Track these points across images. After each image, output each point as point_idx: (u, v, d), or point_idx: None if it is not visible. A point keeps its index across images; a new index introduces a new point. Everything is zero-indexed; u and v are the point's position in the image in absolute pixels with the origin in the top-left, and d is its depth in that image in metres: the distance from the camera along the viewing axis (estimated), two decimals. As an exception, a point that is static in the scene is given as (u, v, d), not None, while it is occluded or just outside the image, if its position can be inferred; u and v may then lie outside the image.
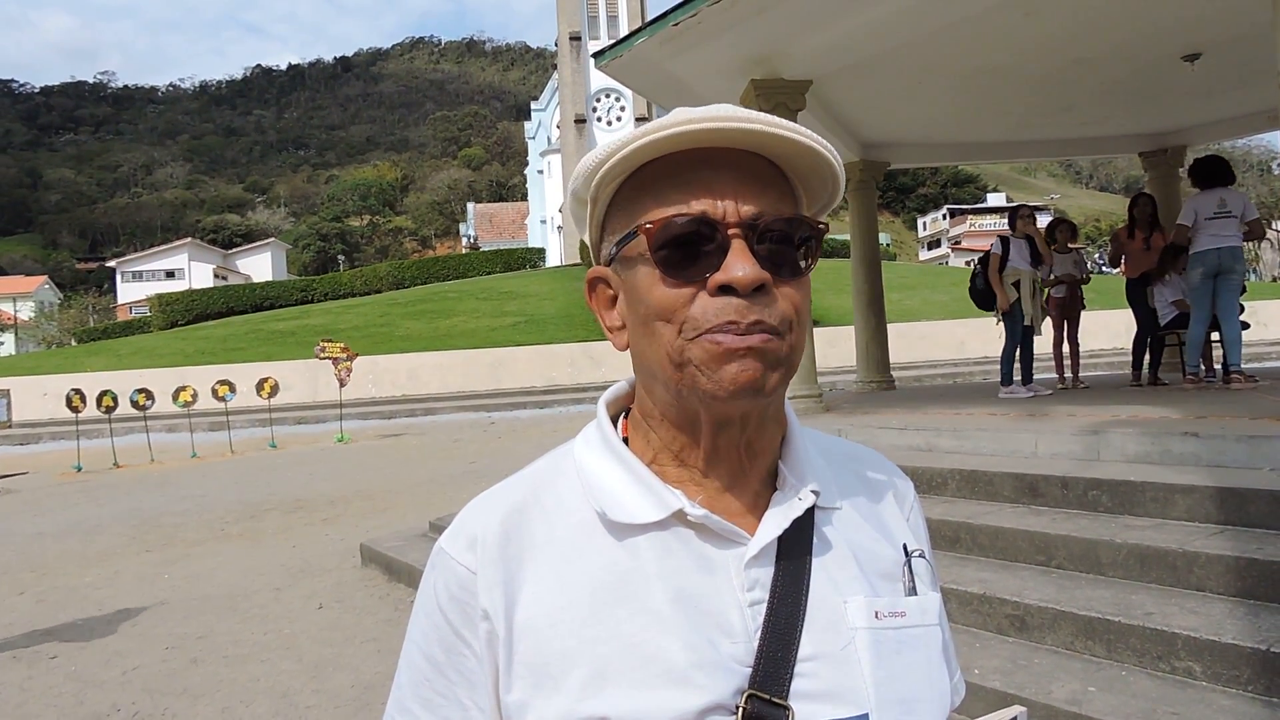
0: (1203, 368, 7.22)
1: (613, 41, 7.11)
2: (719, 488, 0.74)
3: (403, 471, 11.81)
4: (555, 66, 57.60)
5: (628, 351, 0.76)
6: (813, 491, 0.74)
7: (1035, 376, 7.72)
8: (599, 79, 49.91)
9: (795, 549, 0.72)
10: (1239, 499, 3.64)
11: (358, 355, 18.78)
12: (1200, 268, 6.57)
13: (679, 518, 0.72)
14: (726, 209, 0.68)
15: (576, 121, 51.30)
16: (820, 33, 6.34)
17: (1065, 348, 8.31)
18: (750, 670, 0.67)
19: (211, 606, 5.74)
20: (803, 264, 0.71)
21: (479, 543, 0.73)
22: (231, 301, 42.20)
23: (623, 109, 52.36)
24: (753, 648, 0.68)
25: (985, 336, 24.50)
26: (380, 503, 9.33)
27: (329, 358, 17.55)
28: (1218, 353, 7.40)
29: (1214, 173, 6.69)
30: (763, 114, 0.69)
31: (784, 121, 0.69)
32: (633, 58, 6.96)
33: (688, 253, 0.68)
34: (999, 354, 7.73)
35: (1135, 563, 3.53)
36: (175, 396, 16.34)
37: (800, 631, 0.69)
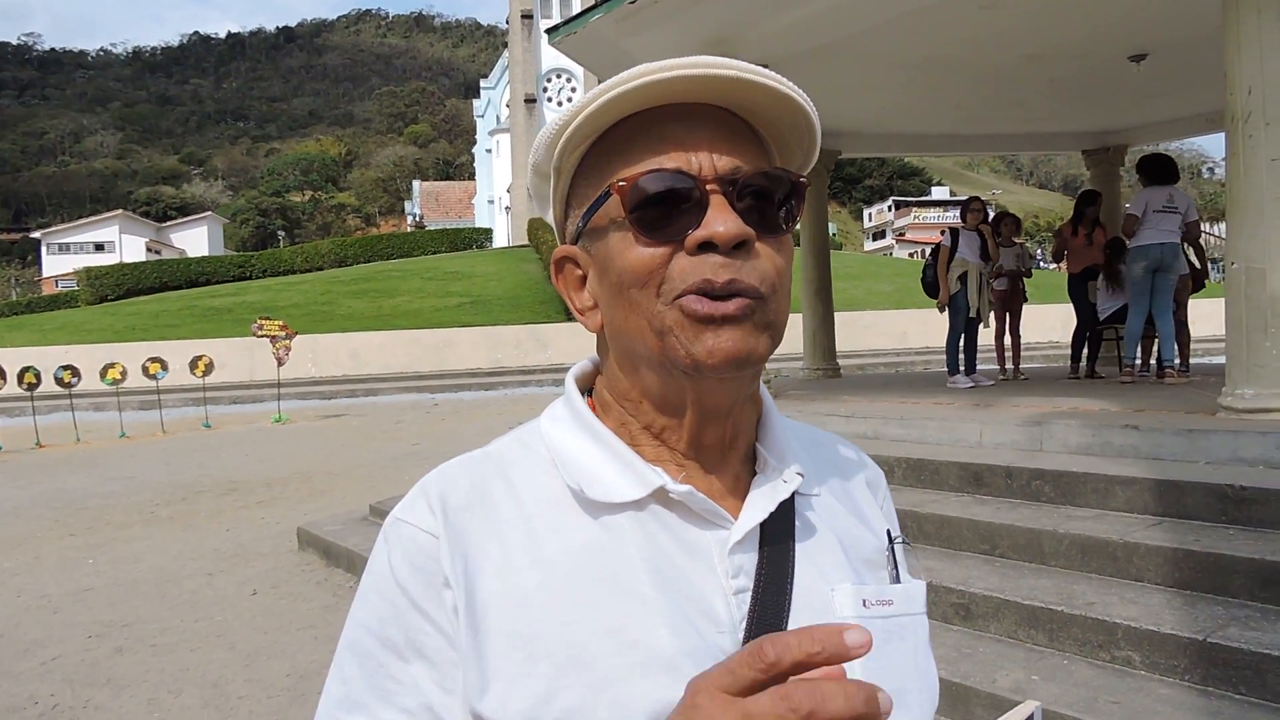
0: (1139, 361, 7.40)
1: (568, 18, 6.97)
2: (699, 469, 0.70)
3: (342, 453, 11.56)
4: (506, 44, 56.85)
5: (589, 336, 0.70)
6: (797, 474, 0.69)
7: (978, 367, 7.85)
8: (550, 58, 49.43)
9: (779, 534, 0.68)
10: (1176, 491, 3.71)
11: (297, 334, 18.31)
12: (1143, 261, 6.71)
13: (659, 497, 0.66)
14: (703, 164, 0.64)
15: (526, 101, 50.74)
16: (778, 16, 6.30)
17: (1007, 339, 8.47)
18: None
19: (139, 593, 5.53)
20: (784, 223, 0.67)
21: (441, 507, 0.67)
22: (165, 276, 40.86)
23: (574, 90, 51.90)
24: (738, 639, 0.63)
25: (927, 327, 24.93)
26: (319, 485, 9.12)
27: (267, 336, 17.06)
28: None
29: (1165, 169, 6.81)
30: (737, 61, 0.64)
31: (760, 69, 0.64)
32: (587, 35, 6.84)
33: (664, 211, 0.63)
34: (943, 344, 7.86)
35: (1077, 553, 3.58)
36: (103, 374, 15.74)
37: (787, 622, 0.64)
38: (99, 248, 61.65)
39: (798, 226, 0.68)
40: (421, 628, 0.65)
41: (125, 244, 61.86)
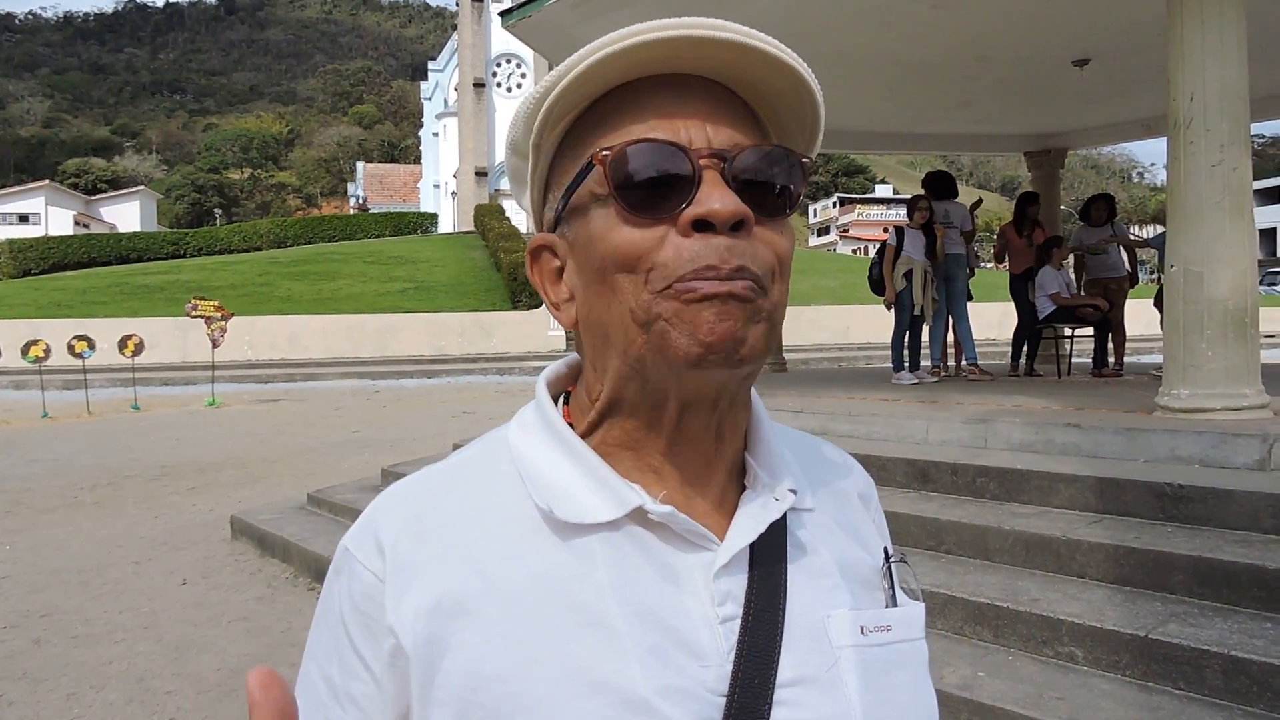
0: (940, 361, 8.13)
1: (521, 1, 6.84)
2: (682, 481, 0.63)
3: (279, 439, 11.27)
4: (455, 26, 55.96)
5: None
6: (790, 491, 0.64)
7: (921, 364, 7.96)
8: (500, 43, 48.80)
9: (770, 556, 0.62)
10: (1117, 489, 3.78)
11: (233, 315, 17.80)
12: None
13: (637, 517, 0.60)
14: (695, 136, 0.58)
15: (475, 85, 50.01)
16: (734, 9, 6.26)
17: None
18: (724, 699, 0.56)
19: (60, 581, 5.29)
20: (785, 205, 0.61)
21: (391, 544, 0.61)
22: (94, 251, 39.50)
23: (524, 76, 51.34)
24: (726, 672, 0.57)
25: (869, 323, 25.31)
26: (254, 471, 8.85)
27: (201, 316, 16.55)
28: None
29: (946, 186, 7.75)
30: (738, 25, 0.58)
31: (763, 35, 0.59)
32: (541, 19, 6.72)
33: (653, 186, 0.57)
34: (885, 340, 7.97)
35: (1021, 549, 3.62)
36: (25, 351, 15.12)
37: (779, 652, 0.58)
38: (23, 219, 59.14)
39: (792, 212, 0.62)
40: (357, 672, 0.60)
41: (51, 216, 59.37)
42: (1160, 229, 7.95)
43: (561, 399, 0.68)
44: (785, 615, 0.60)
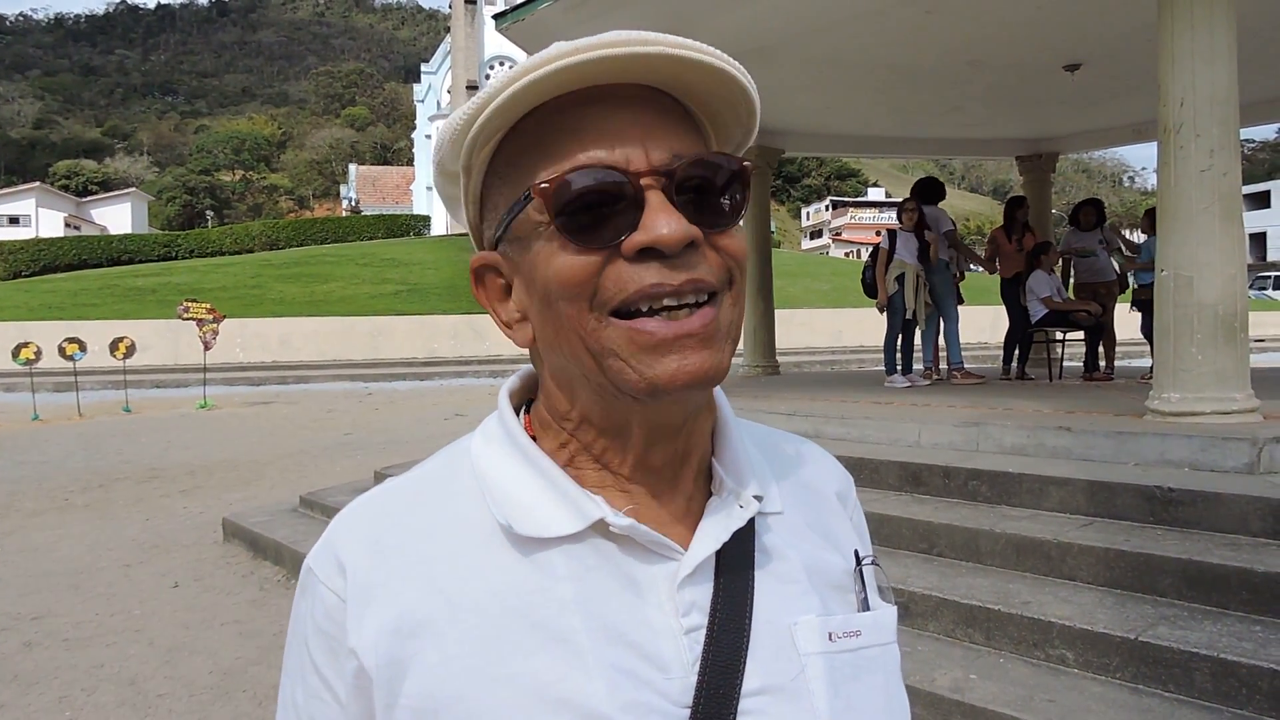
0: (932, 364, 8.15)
1: (516, 4, 6.85)
2: (646, 492, 0.63)
3: (271, 441, 11.23)
4: (449, 29, 55.94)
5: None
6: (755, 497, 0.63)
7: (914, 367, 7.98)
8: (493, 45, 48.83)
9: (736, 564, 0.61)
10: (1108, 492, 3.81)
11: (225, 317, 17.73)
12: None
13: (599, 529, 0.60)
14: (634, 156, 0.56)
15: (468, 88, 49.97)
16: (728, 12, 6.28)
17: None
18: (689, 711, 0.56)
19: (51, 584, 5.26)
20: (730, 209, 0.59)
21: (351, 563, 0.60)
22: (85, 253, 39.31)
23: (516, 78, 51.41)
24: (690, 683, 0.57)
25: (861, 326, 25.36)
26: (245, 474, 8.82)
27: (193, 319, 16.46)
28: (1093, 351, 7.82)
29: (930, 190, 7.92)
30: (662, 34, 0.56)
31: (690, 42, 0.57)
32: (535, 23, 6.73)
33: (595, 213, 0.56)
34: (877, 344, 8.01)
35: (1013, 552, 3.64)
36: (15, 353, 15.01)
37: (744, 662, 0.58)
38: (13, 221, 58.78)
39: (741, 220, 0.62)
40: (320, 694, 0.61)
41: (42, 218, 59.04)
42: (1142, 235, 8.03)
43: (524, 409, 0.68)
44: (751, 623, 0.60)
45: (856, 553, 0.69)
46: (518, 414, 0.67)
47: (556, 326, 0.58)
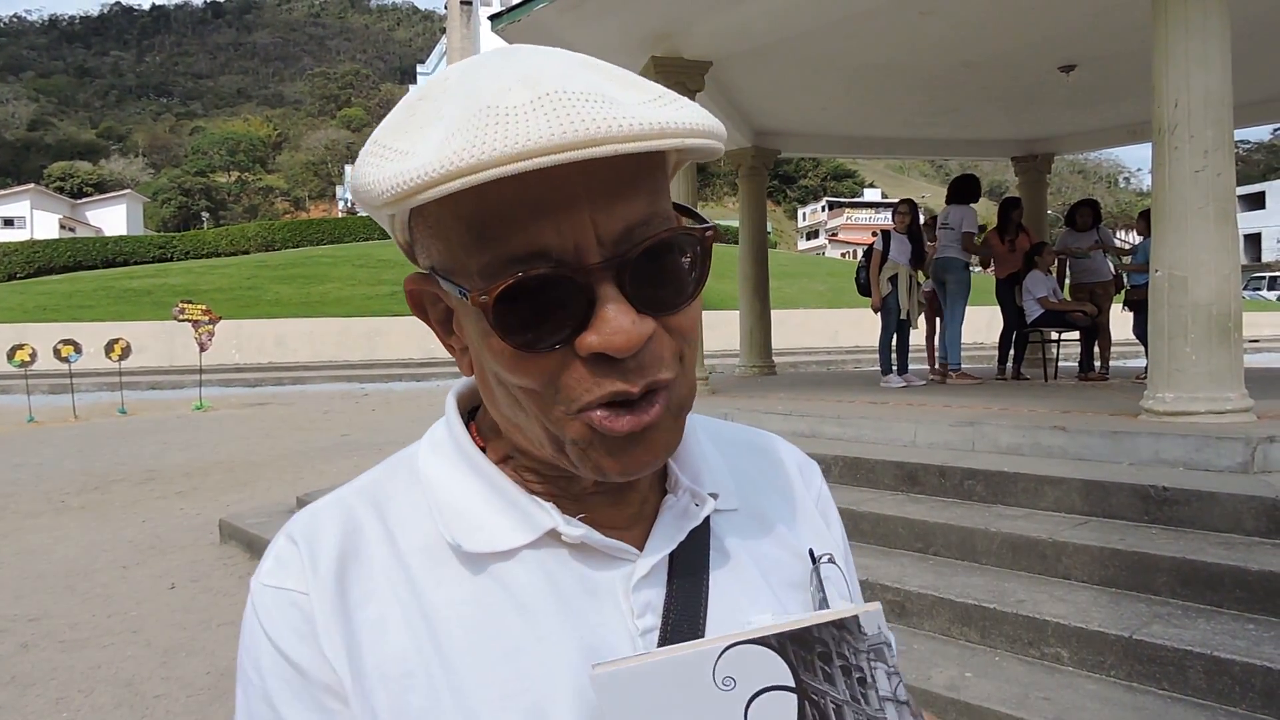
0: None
1: (512, 4, 6.86)
2: (600, 497, 0.62)
3: (267, 442, 11.22)
4: (444, 30, 55.91)
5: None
6: (710, 496, 0.63)
7: (910, 367, 8.00)
8: (489, 46, 48.58)
9: (690, 564, 0.62)
10: (1102, 491, 3.82)
11: (221, 319, 17.70)
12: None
13: (553, 537, 0.60)
14: (582, 239, 0.51)
15: (464, 89, 50.06)
16: (722, 14, 6.29)
17: (936, 340, 8.65)
18: None
19: (47, 586, 5.26)
20: (690, 286, 0.55)
21: (308, 567, 0.59)
22: (80, 255, 39.22)
23: (512, 79, 51.37)
24: None
25: (858, 326, 25.39)
26: (242, 475, 8.82)
27: (188, 320, 16.44)
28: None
29: (964, 190, 7.78)
30: (602, 112, 0.48)
31: (635, 114, 0.49)
32: (530, 24, 6.74)
33: (542, 313, 0.52)
34: (873, 344, 8.03)
35: (1008, 551, 3.65)
36: (10, 355, 14.98)
37: None
38: (8, 223, 58.70)
39: (700, 292, 0.58)
40: (324, 702, 0.58)
41: (37, 220, 58.95)
42: (1136, 238, 8.07)
43: (470, 415, 0.67)
44: (706, 622, 0.60)
45: (811, 551, 0.69)
46: (467, 419, 0.66)
47: (512, 406, 0.57)
